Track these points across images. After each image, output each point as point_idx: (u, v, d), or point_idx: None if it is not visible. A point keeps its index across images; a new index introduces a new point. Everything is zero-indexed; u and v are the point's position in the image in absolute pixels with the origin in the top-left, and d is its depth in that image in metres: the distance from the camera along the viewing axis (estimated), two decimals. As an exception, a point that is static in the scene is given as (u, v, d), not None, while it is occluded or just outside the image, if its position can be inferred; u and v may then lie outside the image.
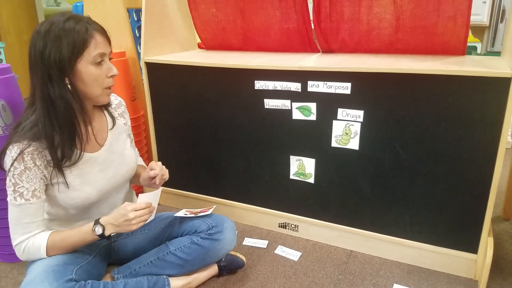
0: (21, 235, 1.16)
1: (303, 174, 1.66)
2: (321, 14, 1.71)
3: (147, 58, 1.84)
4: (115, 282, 1.24)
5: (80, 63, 1.11)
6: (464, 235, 1.44)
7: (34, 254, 1.18)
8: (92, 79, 1.14)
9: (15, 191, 1.14)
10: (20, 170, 1.12)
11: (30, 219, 1.16)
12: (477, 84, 1.28)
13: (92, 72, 1.13)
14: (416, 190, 1.47)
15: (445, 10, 1.49)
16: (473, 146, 1.33)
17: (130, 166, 1.38)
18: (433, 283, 1.45)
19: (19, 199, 1.14)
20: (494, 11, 3.51)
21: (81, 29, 1.09)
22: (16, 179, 1.13)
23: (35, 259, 1.19)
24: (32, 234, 1.17)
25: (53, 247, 1.18)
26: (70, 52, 1.08)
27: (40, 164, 1.14)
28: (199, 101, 1.78)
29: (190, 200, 1.99)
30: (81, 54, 1.10)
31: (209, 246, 1.37)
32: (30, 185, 1.14)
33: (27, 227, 1.16)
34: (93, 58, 1.12)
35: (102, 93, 1.19)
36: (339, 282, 1.46)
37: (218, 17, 1.94)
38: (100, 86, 1.17)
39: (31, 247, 1.17)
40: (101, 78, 1.16)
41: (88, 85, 1.15)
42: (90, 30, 1.11)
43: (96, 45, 1.12)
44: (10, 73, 1.48)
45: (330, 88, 1.49)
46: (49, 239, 1.18)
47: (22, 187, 1.13)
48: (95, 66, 1.13)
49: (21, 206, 1.14)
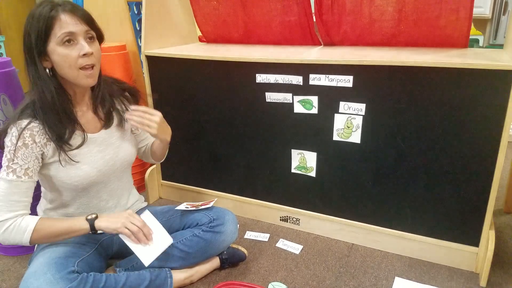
0: (7, 212, 1.12)
1: (305, 167, 1.66)
2: (322, 6, 1.70)
3: (147, 51, 1.83)
4: (117, 275, 1.25)
5: (49, 45, 1.13)
6: (466, 228, 1.44)
7: (15, 236, 1.12)
8: (61, 59, 1.14)
9: (8, 167, 1.13)
10: (17, 146, 1.13)
11: (19, 197, 1.14)
12: (479, 76, 1.27)
13: (60, 53, 1.13)
14: (417, 183, 1.46)
15: (448, 3, 1.48)
16: (475, 139, 1.33)
17: (129, 151, 1.38)
18: (434, 276, 1.45)
19: (11, 175, 1.13)
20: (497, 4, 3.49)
21: (45, 12, 1.11)
22: (11, 154, 1.13)
23: (13, 242, 1.13)
24: (20, 214, 1.14)
25: (39, 231, 1.13)
26: (36, 36, 1.11)
27: (39, 141, 1.16)
28: (200, 95, 1.78)
29: (191, 194, 1.99)
30: (48, 36, 1.12)
31: (211, 239, 1.38)
32: (24, 162, 1.14)
33: (14, 206, 1.13)
34: (59, 38, 1.12)
35: (78, 74, 1.16)
36: (340, 275, 1.47)
37: (219, 10, 1.93)
38: (73, 66, 1.15)
39: (16, 228, 1.12)
40: (71, 58, 1.14)
41: (61, 67, 1.15)
42: (54, 12, 1.11)
43: (61, 25, 1.12)
44: (10, 66, 1.48)
45: (332, 81, 1.49)
46: (37, 222, 1.14)
47: (16, 164, 1.13)
48: (64, 46, 1.13)
49: (11, 182, 1.13)
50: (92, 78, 1.20)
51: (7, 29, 4.26)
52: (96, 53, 1.19)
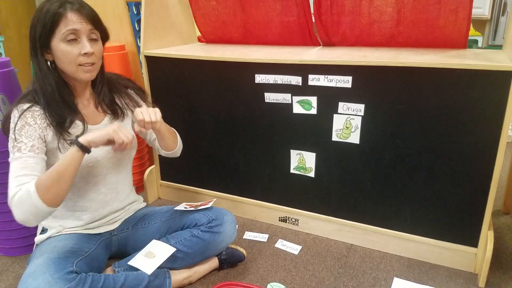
0: (15, 187, 1.09)
1: (304, 168, 1.66)
2: (321, 7, 1.70)
3: (146, 52, 1.83)
4: (116, 275, 1.24)
5: (53, 40, 1.16)
6: (465, 229, 1.44)
7: (26, 201, 1.06)
8: (63, 55, 1.18)
9: (14, 147, 1.15)
10: (20, 125, 1.16)
11: (27, 171, 1.11)
12: (478, 77, 1.27)
13: (62, 49, 1.17)
14: (416, 184, 1.46)
15: (447, 3, 1.48)
16: (474, 139, 1.33)
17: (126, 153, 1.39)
18: (433, 276, 1.45)
19: (17, 153, 1.14)
20: (496, 5, 3.49)
21: (53, 8, 1.15)
22: (16, 134, 1.15)
23: (31, 208, 1.06)
24: (22, 185, 1.09)
25: (41, 185, 1.07)
26: (41, 29, 1.15)
27: (40, 123, 1.18)
28: (199, 95, 1.78)
29: (190, 194, 1.99)
30: (53, 32, 1.15)
31: (210, 239, 1.38)
32: (29, 140, 1.16)
33: (22, 179, 1.10)
34: (63, 35, 1.16)
35: (77, 69, 1.20)
36: (339, 275, 1.47)
37: (218, 10, 1.93)
38: (73, 63, 1.19)
39: (21, 196, 1.06)
40: (72, 55, 1.18)
41: (62, 61, 1.19)
42: (62, 9, 1.15)
43: (67, 23, 1.15)
44: (9, 67, 1.48)
45: (331, 81, 1.49)
46: (36, 181, 1.08)
47: (21, 142, 1.15)
48: (67, 43, 1.17)
49: (18, 159, 1.13)
50: (90, 73, 1.24)
51: (6, 29, 4.25)
52: (97, 53, 1.23)
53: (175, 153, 1.55)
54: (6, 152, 1.17)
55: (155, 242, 1.37)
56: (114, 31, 2.08)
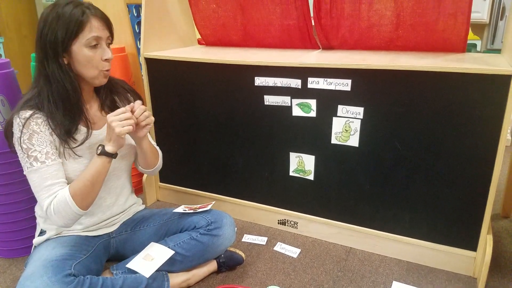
0: (47, 198, 1.15)
1: (303, 171, 1.66)
2: (321, 10, 1.70)
3: (146, 54, 1.83)
4: (114, 278, 1.24)
5: (74, 44, 1.17)
6: (464, 233, 1.44)
7: (64, 209, 1.15)
8: (86, 60, 1.19)
9: (29, 157, 1.15)
10: (28, 134, 1.16)
11: (52, 181, 1.16)
12: (477, 81, 1.28)
13: (85, 54, 1.18)
14: (415, 187, 1.47)
15: (446, 7, 1.48)
16: (473, 143, 1.33)
17: (129, 150, 1.40)
18: (432, 280, 1.45)
19: (35, 164, 1.15)
20: (494, 9, 3.50)
21: (77, 13, 1.16)
22: (27, 144, 1.15)
23: (70, 215, 1.16)
24: (55, 194, 1.16)
25: (75, 192, 1.16)
26: (64, 33, 1.15)
27: (44, 131, 1.18)
28: (199, 97, 1.78)
29: (189, 196, 1.99)
30: (76, 36, 1.16)
31: (208, 242, 1.37)
32: (42, 148, 1.16)
33: (51, 189, 1.16)
34: (87, 41, 1.17)
35: (98, 74, 1.23)
36: (338, 279, 1.47)
37: (218, 13, 1.94)
38: (95, 68, 1.21)
39: (58, 204, 1.14)
40: (95, 60, 1.20)
41: (84, 66, 1.20)
42: (86, 14, 1.17)
43: (91, 28, 1.17)
44: (9, 68, 1.47)
45: (330, 84, 1.49)
46: (69, 188, 1.17)
47: (34, 151, 1.15)
48: (90, 48, 1.19)
49: (38, 170, 1.15)
50: (106, 78, 1.28)
51: (6, 30, 4.25)
52: (112, 58, 1.26)
53: (151, 172, 1.50)
54: (6, 154, 1.17)
55: (154, 244, 1.36)
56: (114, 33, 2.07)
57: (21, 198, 1.53)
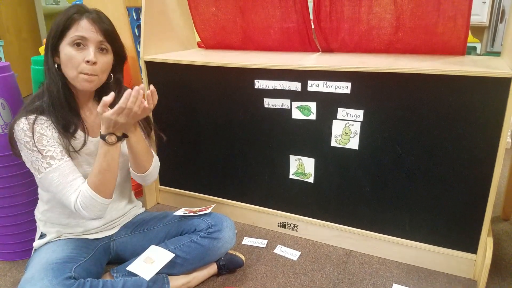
0: (73, 193, 1.16)
1: (303, 173, 1.66)
2: (321, 13, 1.71)
3: (146, 57, 1.83)
4: (114, 281, 1.24)
5: (62, 43, 1.18)
6: (464, 235, 1.44)
7: (91, 203, 1.16)
8: (66, 59, 1.17)
9: (44, 157, 1.15)
10: (37, 137, 1.15)
11: (73, 175, 1.17)
12: (477, 84, 1.28)
13: (67, 52, 1.17)
14: (415, 189, 1.47)
15: (445, 10, 1.49)
16: (473, 146, 1.34)
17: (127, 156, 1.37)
18: (432, 283, 1.45)
19: (53, 162, 1.15)
20: (494, 11, 3.51)
21: (69, 13, 1.17)
22: (38, 146, 1.15)
23: (98, 207, 1.17)
24: (79, 189, 1.16)
25: (95, 184, 1.16)
26: (54, 32, 1.17)
27: (51, 133, 1.18)
28: (198, 100, 1.78)
29: (189, 199, 1.99)
30: (63, 35, 1.17)
31: (208, 245, 1.37)
32: (54, 147, 1.17)
33: (74, 184, 1.16)
34: (71, 39, 1.16)
35: (77, 76, 1.18)
36: (338, 281, 1.46)
37: (218, 16, 1.94)
38: (75, 68, 1.17)
39: (84, 199, 1.15)
40: (76, 60, 1.17)
41: (65, 66, 1.19)
42: (77, 15, 1.17)
43: (77, 28, 1.17)
44: (9, 71, 1.48)
45: (330, 87, 1.49)
46: (87, 182, 1.17)
47: (49, 151, 1.15)
48: (73, 47, 1.17)
49: (58, 168, 1.15)
50: (89, 83, 1.20)
51: (6, 33, 4.26)
52: (101, 65, 1.20)
53: (142, 179, 1.38)
54: (5, 157, 1.17)
55: (154, 247, 1.36)
56: (114, 36, 2.08)
57: (21, 201, 1.52)
